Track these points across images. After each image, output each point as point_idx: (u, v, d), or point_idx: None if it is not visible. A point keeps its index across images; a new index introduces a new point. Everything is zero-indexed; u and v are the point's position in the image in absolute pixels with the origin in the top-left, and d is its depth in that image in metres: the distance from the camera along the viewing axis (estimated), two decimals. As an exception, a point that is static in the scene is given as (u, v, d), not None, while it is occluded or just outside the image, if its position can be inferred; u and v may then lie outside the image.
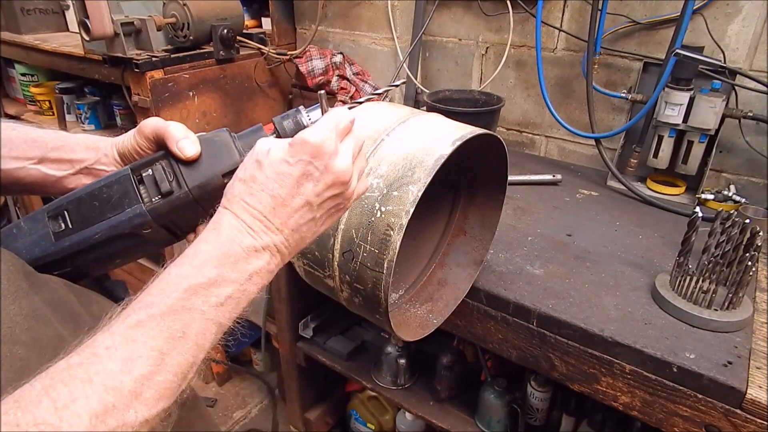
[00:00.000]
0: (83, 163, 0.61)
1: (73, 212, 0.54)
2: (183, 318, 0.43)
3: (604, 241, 1.15)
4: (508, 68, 1.66)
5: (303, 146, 0.49)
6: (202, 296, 0.44)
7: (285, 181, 0.49)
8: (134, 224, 0.53)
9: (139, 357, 0.39)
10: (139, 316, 0.42)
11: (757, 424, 0.76)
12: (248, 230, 0.48)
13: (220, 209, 0.50)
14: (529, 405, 1.28)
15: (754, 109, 1.25)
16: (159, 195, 0.54)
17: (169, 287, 0.44)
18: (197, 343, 0.43)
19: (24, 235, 0.54)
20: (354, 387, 1.78)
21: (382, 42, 1.91)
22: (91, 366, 0.38)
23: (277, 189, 0.49)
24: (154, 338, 0.41)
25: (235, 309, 0.47)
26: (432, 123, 0.81)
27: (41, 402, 0.35)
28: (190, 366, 0.43)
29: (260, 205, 0.48)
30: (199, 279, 0.44)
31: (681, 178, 1.40)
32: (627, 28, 1.42)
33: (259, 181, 0.49)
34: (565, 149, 1.66)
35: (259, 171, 0.49)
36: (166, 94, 1.63)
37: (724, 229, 0.88)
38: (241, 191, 0.49)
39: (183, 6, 1.62)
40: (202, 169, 0.54)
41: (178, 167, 0.54)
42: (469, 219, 1.03)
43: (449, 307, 0.97)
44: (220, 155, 0.55)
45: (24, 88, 2.31)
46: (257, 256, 0.48)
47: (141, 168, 0.55)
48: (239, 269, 0.46)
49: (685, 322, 0.89)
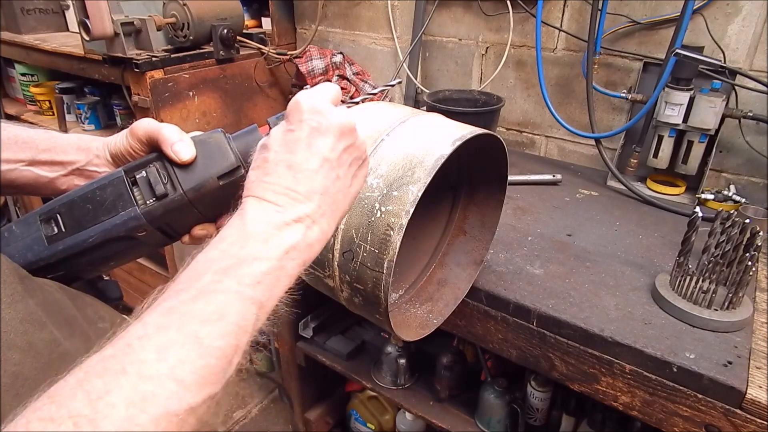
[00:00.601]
0: (75, 165, 0.61)
1: (66, 215, 0.53)
2: (217, 300, 0.41)
3: (604, 241, 1.15)
4: (508, 68, 1.66)
5: (298, 108, 0.49)
6: (235, 276, 0.42)
7: (295, 146, 0.48)
8: (128, 227, 0.53)
9: (175, 343, 0.38)
10: (170, 303, 0.40)
11: (757, 424, 0.76)
12: (274, 207, 0.46)
13: (243, 200, 0.48)
14: (529, 405, 1.28)
15: (754, 109, 1.25)
16: (153, 197, 0.53)
17: (198, 272, 0.43)
18: (237, 324, 0.41)
19: (16, 239, 0.53)
20: (354, 387, 1.78)
21: (382, 42, 1.91)
22: (124, 357, 0.37)
23: (290, 157, 0.48)
24: (188, 323, 0.39)
25: (275, 286, 0.44)
26: (432, 123, 0.81)
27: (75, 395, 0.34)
28: (233, 349, 0.40)
29: (279, 178, 0.47)
30: (229, 260, 0.43)
31: (681, 178, 1.40)
32: (627, 28, 1.42)
33: (271, 159, 0.48)
34: (565, 149, 1.66)
35: (267, 152, 0.49)
36: (166, 94, 1.63)
37: (724, 229, 0.88)
38: (258, 175, 0.48)
39: (183, 6, 1.62)
40: (197, 172, 0.53)
41: (172, 169, 0.53)
42: (469, 219, 1.03)
43: (449, 307, 0.97)
44: (215, 157, 0.54)
45: (24, 88, 2.31)
46: (289, 229, 0.46)
47: (134, 170, 0.54)
48: (272, 245, 0.45)
49: (685, 322, 0.89)
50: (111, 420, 0.33)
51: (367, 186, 0.73)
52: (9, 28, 2.10)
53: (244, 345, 0.42)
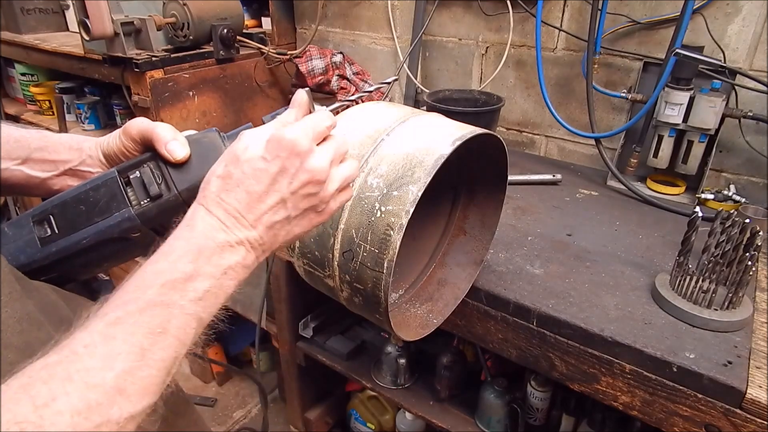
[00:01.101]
0: (67, 164, 0.60)
1: (59, 217, 0.52)
2: (162, 313, 0.42)
3: (604, 241, 1.15)
4: (508, 68, 1.66)
5: (279, 143, 0.49)
6: (180, 291, 0.44)
7: (261, 178, 0.48)
8: (123, 228, 0.52)
9: (120, 353, 0.39)
10: (117, 313, 0.41)
11: (757, 423, 0.76)
12: (222, 226, 0.47)
13: (194, 205, 0.49)
14: (529, 405, 1.28)
15: (754, 109, 1.25)
16: (147, 198, 0.53)
17: (146, 283, 0.43)
18: (178, 337, 0.43)
19: (8, 241, 0.52)
20: (354, 387, 1.78)
21: (382, 42, 1.91)
22: (70, 364, 0.37)
23: (253, 185, 0.48)
24: (134, 334, 0.40)
25: (214, 304, 0.46)
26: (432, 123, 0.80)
27: (20, 401, 0.34)
28: (172, 361, 0.43)
29: (235, 201, 0.48)
30: (176, 274, 0.44)
31: (681, 178, 1.40)
32: (627, 28, 1.42)
33: (235, 178, 0.48)
34: (565, 149, 1.66)
35: (235, 167, 0.49)
36: (166, 94, 1.63)
37: (724, 229, 0.88)
38: (218, 187, 0.48)
39: (183, 6, 1.62)
40: (191, 171, 0.53)
41: (166, 169, 0.53)
42: (469, 219, 1.03)
43: (449, 306, 0.97)
44: (210, 156, 0.53)
45: (24, 87, 2.31)
46: (231, 251, 0.47)
47: (128, 170, 0.53)
48: (214, 263, 0.46)
49: (685, 321, 0.89)
50: (57, 427, 0.34)
51: (367, 186, 0.73)
52: (9, 28, 2.10)
53: (182, 357, 0.44)
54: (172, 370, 0.43)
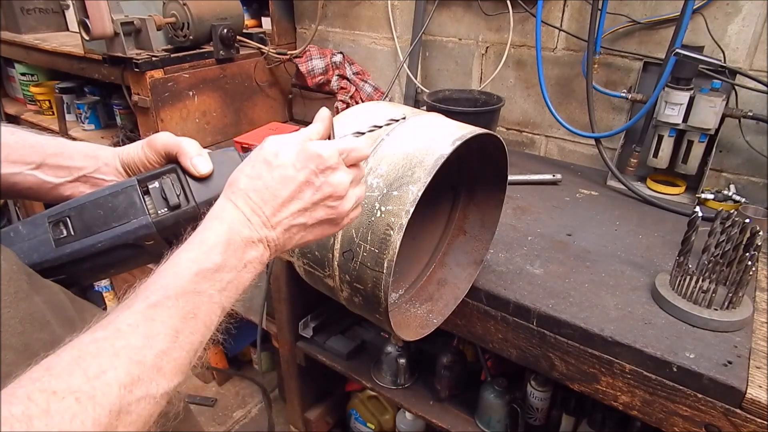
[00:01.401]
0: (82, 171, 0.61)
1: (76, 219, 0.54)
2: (194, 300, 0.46)
3: (604, 241, 1.15)
4: (508, 68, 1.66)
5: (311, 155, 0.52)
6: (210, 281, 0.47)
7: (289, 185, 0.52)
8: (138, 235, 0.54)
9: (158, 334, 0.42)
10: (156, 296, 0.44)
11: (757, 423, 0.76)
12: (247, 222, 0.51)
13: (222, 199, 0.52)
14: (529, 405, 1.28)
15: (754, 109, 1.25)
16: (166, 208, 0.55)
17: (181, 271, 0.47)
18: (205, 323, 0.46)
19: (22, 239, 0.53)
20: (354, 387, 1.78)
21: (382, 42, 1.91)
22: (116, 340, 0.40)
23: (280, 190, 0.52)
24: (170, 317, 0.44)
25: (234, 294, 0.50)
26: (432, 123, 0.80)
27: (73, 372, 0.37)
28: (199, 344, 0.46)
29: (262, 202, 0.51)
30: (207, 264, 0.47)
31: (681, 178, 1.39)
32: (627, 28, 1.42)
33: (265, 180, 0.52)
34: (565, 149, 1.66)
35: (266, 170, 0.52)
36: (166, 94, 1.63)
37: (724, 229, 0.88)
38: (247, 186, 0.52)
39: (183, 6, 1.62)
40: (211, 186, 0.56)
41: (187, 182, 0.56)
42: (469, 219, 1.03)
43: (449, 306, 0.97)
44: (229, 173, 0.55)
45: (24, 87, 2.31)
46: (253, 247, 0.51)
47: (148, 180, 0.55)
48: (238, 257, 0.50)
49: (685, 321, 0.89)
50: (107, 398, 0.37)
51: (367, 186, 0.73)
52: (9, 28, 2.10)
53: (206, 341, 0.47)
54: (198, 353, 0.46)
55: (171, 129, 1.67)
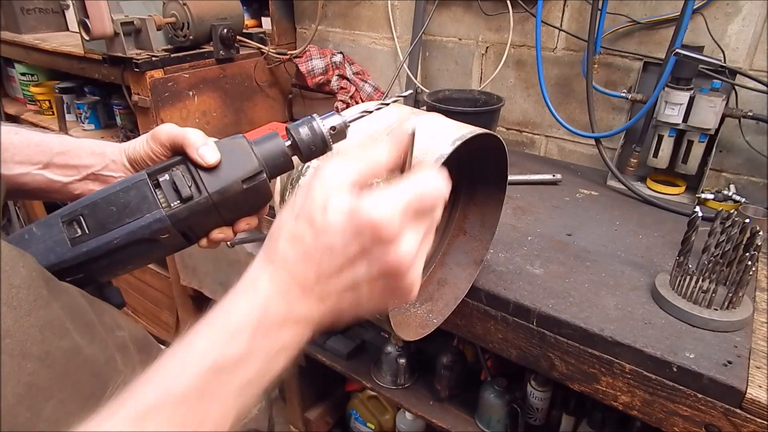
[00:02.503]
0: (90, 169, 0.60)
1: (90, 217, 0.53)
2: (201, 407, 0.38)
3: (604, 241, 1.15)
4: (508, 68, 1.66)
5: (364, 224, 0.40)
6: (228, 377, 0.39)
7: (336, 258, 0.41)
8: (153, 229, 0.53)
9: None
10: (149, 399, 0.37)
11: (757, 423, 0.76)
12: (287, 295, 0.42)
13: (258, 263, 0.43)
14: (529, 405, 1.28)
15: (754, 109, 1.25)
16: (178, 200, 0.53)
17: (192, 362, 0.39)
18: (215, 425, 0.39)
19: (37, 241, 0.53)
20: (354, 387, 1.78)
21: (382, 42, 1.91)
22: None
23: (325, 261, 0.42)
24: (168, 428, 0.37)
25: (258, 391, 0.41)
26: (432, 122, 0.80)
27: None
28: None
29: (304, 269, 0.42)
30: (228, 355, 0.39)
31: (681, 178, 1.39)
32: (627, 28, 1.42)
33: (308, 245, 0.42)
34: (565, 149, 1.66)
35: (309, 232, 0.42)
36: (166, 94, 1.63)
37: (724, 229, 0.88)
38: (286, 250, 0.42)
39: (183, 6, 1.62)
40: (221, 175, 0.54)
41: (197, 173, 0.54)
42: (469, 219, 1.03)
43: (449, 306, 0.97)
44: (239, 161, 0.54)
45: (24, 87, 2.31)
46: (291, 327, 0.42)
47: (157, 173, 0.54)
48: (270, 342, 0.41)
49: (685, 321, 0.89)
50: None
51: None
52: (9, 28, 2.10)
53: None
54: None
55: (171, 129, 1.67)
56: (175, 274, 1.86)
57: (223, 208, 0.55)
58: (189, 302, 1.97)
